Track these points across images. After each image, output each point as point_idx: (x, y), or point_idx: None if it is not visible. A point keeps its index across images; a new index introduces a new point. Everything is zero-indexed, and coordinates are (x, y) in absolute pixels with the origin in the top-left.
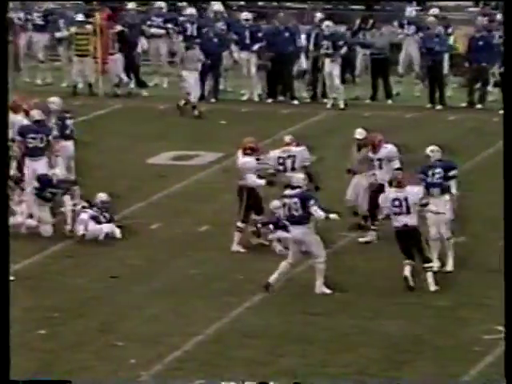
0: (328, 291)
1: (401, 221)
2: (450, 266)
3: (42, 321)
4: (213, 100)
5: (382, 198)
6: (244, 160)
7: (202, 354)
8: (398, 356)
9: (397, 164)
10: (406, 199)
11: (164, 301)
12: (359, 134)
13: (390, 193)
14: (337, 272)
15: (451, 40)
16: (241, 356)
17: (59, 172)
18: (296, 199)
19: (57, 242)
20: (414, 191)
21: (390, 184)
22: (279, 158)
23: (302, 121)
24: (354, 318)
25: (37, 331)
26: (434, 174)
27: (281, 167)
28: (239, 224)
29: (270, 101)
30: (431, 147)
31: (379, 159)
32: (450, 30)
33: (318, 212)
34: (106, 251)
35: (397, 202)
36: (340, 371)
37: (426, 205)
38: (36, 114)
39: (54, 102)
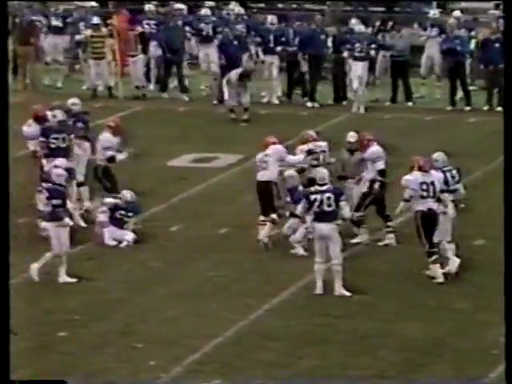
0: (347, 293)
1: (426, 204)
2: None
3: (63, 323)
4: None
5: (408, 181)
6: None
7: (221, 356)
8: (418, 359)
9: (381, 165)
10: (432, 183)
11: (184, 303)
12: (351, 136)
13: (418, 176)
14: (356, 274)
15: (473, 43)
16: (260, 358)
17: (59, 163)
18: (329, 194)
19: (77, 244)
20: (439, 176)
21: (412, 168)
22: (314, 152)
23: (322, 123)
24: (373, 321)
25: (57, 333)
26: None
27: (316, 162)
28: (273, 216)
29: (310, 104)
30: (434, 155)
31: (363, 159)
32: (473, 33)
33: (346, 209)
34: (127, 253)
35: (424, 186)
36: (359, 374)
37: (444, 191)
38: (59, 114)
39: (75, 103)
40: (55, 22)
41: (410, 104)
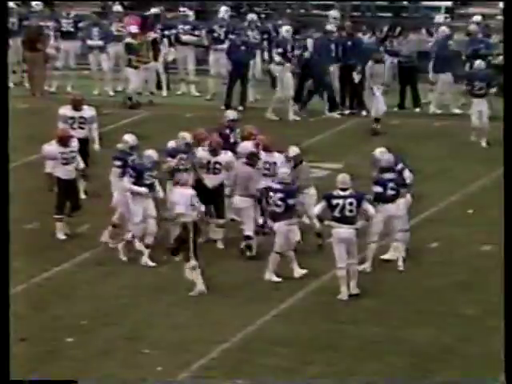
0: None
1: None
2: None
3: (71, 329)
4: (240, 108)
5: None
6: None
7: (229, 362)
8: (426, 364)
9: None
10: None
11: (191, 308)
12: (293, 151)
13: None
14: (364, 280)
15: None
16: (267, 364)
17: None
18: (352, 199)
19: (86, 250)
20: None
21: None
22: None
23: (329, 129)
24: (381, 326)
25: (65, 339)
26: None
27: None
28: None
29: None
30: (376, 151)
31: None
32: (490, 40)
33: (371, 209)
34: (134, 259)
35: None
36: (367, 379)
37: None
38: (188, 137)
39: (228, 116)
40: (66, 28)
41: (418, 110)
